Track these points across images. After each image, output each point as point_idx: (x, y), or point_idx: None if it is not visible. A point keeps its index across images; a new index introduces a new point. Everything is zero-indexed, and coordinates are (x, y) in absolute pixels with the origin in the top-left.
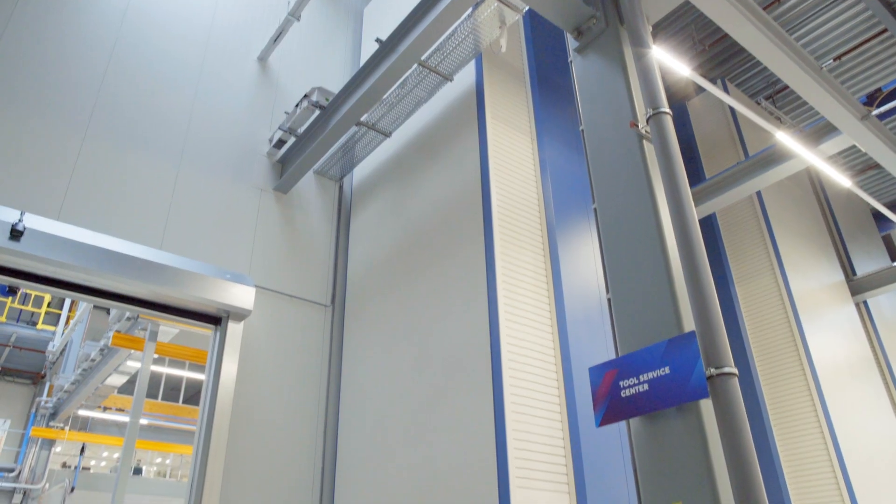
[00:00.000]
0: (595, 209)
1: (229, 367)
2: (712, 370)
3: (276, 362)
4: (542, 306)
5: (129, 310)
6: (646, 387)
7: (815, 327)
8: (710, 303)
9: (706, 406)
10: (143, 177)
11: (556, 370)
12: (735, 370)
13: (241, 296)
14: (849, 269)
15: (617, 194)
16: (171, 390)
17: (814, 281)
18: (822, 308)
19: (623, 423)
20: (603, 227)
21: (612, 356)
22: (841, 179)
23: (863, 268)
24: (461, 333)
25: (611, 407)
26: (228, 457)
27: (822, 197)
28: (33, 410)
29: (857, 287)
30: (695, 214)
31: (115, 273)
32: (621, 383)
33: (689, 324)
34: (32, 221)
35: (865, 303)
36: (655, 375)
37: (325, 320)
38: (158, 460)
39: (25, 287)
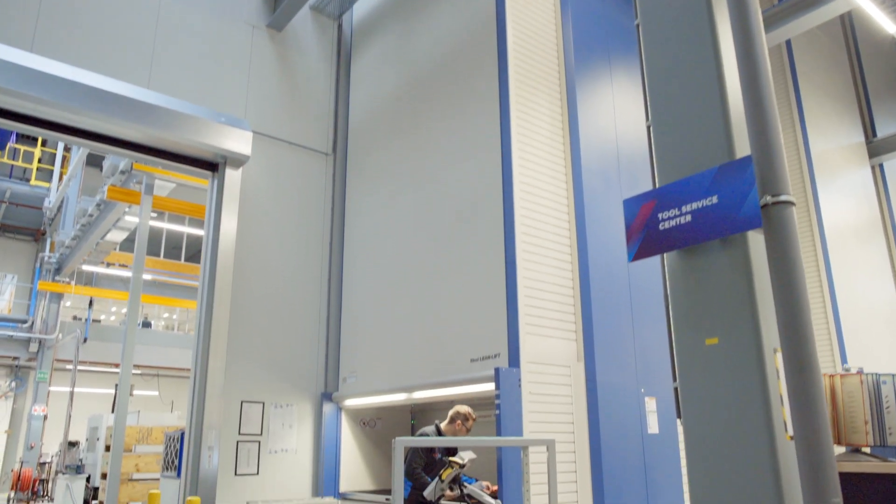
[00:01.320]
0: (637, 25)
1: (229, 219)
2: (768, 198)
3: (277, 214)
4: (556, 154)
5: (121, 154)
6: (688, 218)
7: (828, 189)
8: (771, 123)
9: (754, 238)
10: (120, 5)
11: (568, 219)
12: (793, 199)
13: (237, 140)
14: (870, 131)
15: (664, 5)
16: (173, 248)
17: (833, 141)
18: (838, 169)
19: (632, 277)
20: (646, 43)
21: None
22: (887, 25)
23: (885, 130)
24: (472, 180)
25: (646, 240)
26: (233, 310)
27: (853, 52)
28: (38, 266)
29: (876, 149)
30: (759, 18)
31: (103, 113)
32: (660, 215)
33: (741, 149)
34: (2, 52)
35: (881, 166)
36: (700, 206)
37: (326, 169)
38: (166, 315)
39: (4, 125)
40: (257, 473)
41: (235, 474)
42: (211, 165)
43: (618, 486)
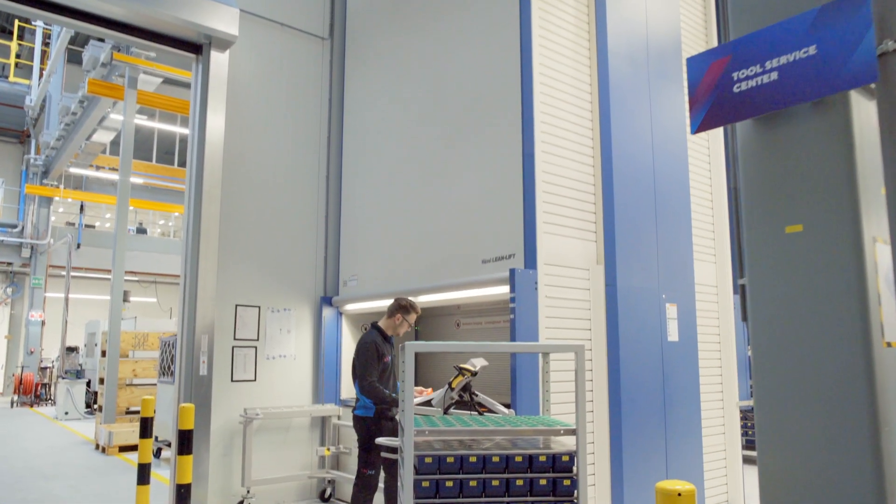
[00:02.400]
0: None
1: (216, 109)
2: (889, 44)
3: (269, 105)
4: (581, 36)
5: (98, 32)
6: (773, 76)
7: None
8: None
9: (858, 101)
10: None
11: (591, 109)
12: None
13: (222, 18)
14: None
15: None
16: (166, 154)
17: None
18: None
19: (658, 175)
20: None
21: (654, 106)
22: None
23: None
24: (486, 65)
25: (716, 106)
26: (224, 209)
27: None
28: (24, 168)
29: None
30: None
31: None
32: (735, 75)
33: None
34: None
35: None
36: (792, 59)
37: (323, 55)
38: (162, 222)
39: None
40: (255, 380)
41: (232, 381)
42: (195, 47)
43: (635, 394)
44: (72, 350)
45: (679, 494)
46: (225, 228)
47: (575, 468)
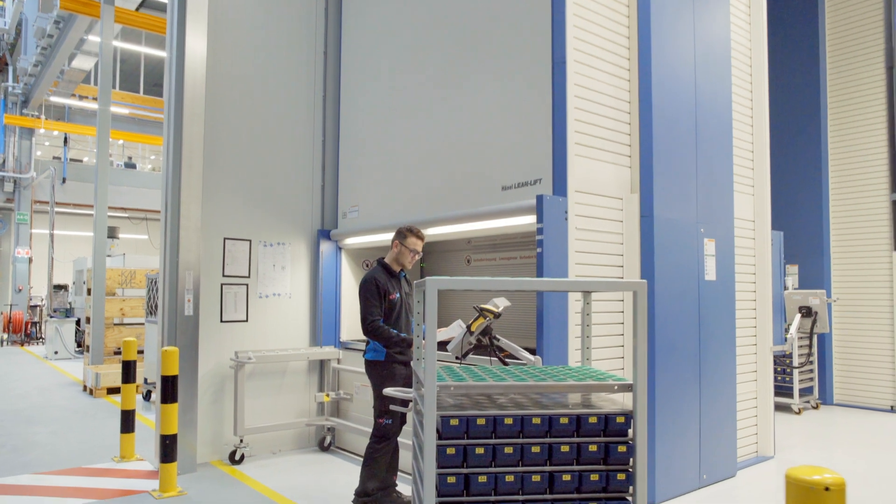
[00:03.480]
0: None
1: (196, 23)
2: None
3: (257, 17)
4: None
5: None
6: None
7: None
8: None
9: None
10: None
11: (629, 14)
12: None
13: None
14: None
15: None
16: (154, 87)
17: None
18: None
19: (700, 96)
20: None
21: (698, 16)
22: None
23: None
24: None
25: None
26: (208, 132)
27: None
28: (3, 98)
29: None
30: None
31: None
32: None
33: None
34: None
35: None
36: None
37: None
38: (153, 157)
39: None
40: (246, 320)
41: (221, 321)
42: None
43: (669, 338)
44: (60, 288)
45: (827, 489)
46: (211, 155)
47: (631, 431)
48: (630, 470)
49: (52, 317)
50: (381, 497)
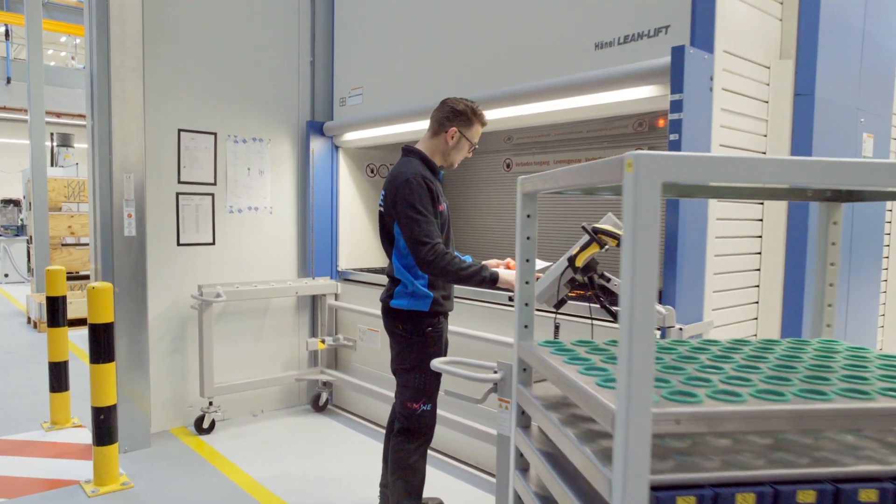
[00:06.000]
0: None
1: None
2: None
3: None
4: None
5: None
6: None
7: None
8: None
9: None
10: None
11: None
12: None
13: None
14: None
15: None
16: None
17: None
18: None
19: None
20: None
21: None
22: None
23: None
24: None
25: None
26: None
27: None
28: None
29: None
30: None
31: None
32: None
33: None
34: None
35: None
36: None
37: None
38: None
39: None
40: (213, 243)
41: (178, 244)
42: None
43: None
44: (10, 203)
45: None
46: (160, 21)
47: None
48: None
49: (1, 235)
50: None
